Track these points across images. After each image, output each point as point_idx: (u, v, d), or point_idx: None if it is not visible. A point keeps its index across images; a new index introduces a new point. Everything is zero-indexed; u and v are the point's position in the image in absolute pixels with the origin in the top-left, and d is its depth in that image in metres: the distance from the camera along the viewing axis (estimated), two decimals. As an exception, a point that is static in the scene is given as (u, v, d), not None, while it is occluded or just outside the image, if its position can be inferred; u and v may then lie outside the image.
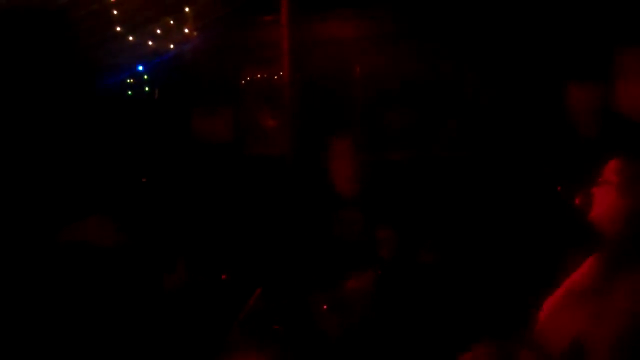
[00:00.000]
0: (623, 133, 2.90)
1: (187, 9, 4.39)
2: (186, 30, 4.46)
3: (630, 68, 3.15)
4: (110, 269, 3.19)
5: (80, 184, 3.89)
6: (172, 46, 4.49)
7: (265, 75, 4.67)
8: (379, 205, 3.39)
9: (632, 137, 2.84)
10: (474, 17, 3.98)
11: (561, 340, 1.92)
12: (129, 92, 4.72)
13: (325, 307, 3.05)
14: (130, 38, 4.33)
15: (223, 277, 3.45)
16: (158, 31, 4.40)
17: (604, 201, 2.01)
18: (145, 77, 4.73)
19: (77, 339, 2.88)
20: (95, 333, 2.91)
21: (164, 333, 2.97)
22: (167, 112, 4.76)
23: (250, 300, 2.96)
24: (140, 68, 4.67)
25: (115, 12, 4.17)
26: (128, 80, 4.71)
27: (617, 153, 2.02)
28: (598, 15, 3.56)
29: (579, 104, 3.15)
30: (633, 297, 1.82)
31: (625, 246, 1.96)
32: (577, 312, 1.95)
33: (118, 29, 4.24)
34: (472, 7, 3.96)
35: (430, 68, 4.17)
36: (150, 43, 4.43)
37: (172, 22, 4.41)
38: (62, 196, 3.74)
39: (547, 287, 2.17)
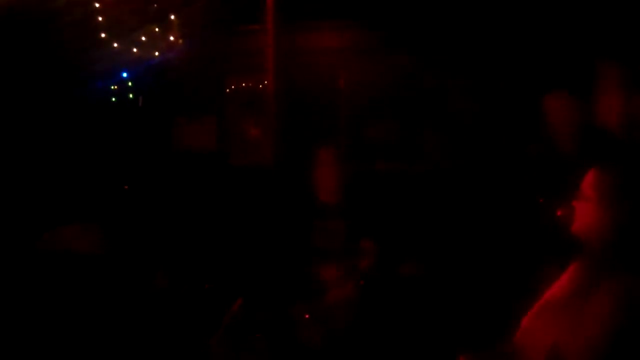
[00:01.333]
0: (603, 146, 2.94)
1: (172, 17, 4.39)
2: (171, 38, 4.46)
3: (610, 82, 3.19)
4: (91, 276, 3.16)
5: (62, 190, 3.87)
6: (157, 54, 4.48)
7: (250, 85, 4.66)
8: (361, 216, 3.40)
9: (611, 150, 2.88)
10: (459, 30, 4.01)
11: (540, 349, 1.95)
12: (113, 99, 4.70)
13: (307, 317, 3.04)
14: (115, 45, 4.31)
15: (206, 286, 3.43)
16: (143, 39, 4.39)
17: (583, 215, 2.03)
18: (130, 84, 4.71)
19: (56, 347, 2.85)
20: (76, 341, 2.88)
21: (146, 341, 2.95)
22: (151, 119, 4.74)
23: (232, 310, 2.95)
24: (125, 75, 4.66)
25: (100, 19, 4.15)
26: (112, 87, 4.68)
27: (595, 167, 2.05)
28: (578, 30, 3.61)
29: (560, 117, 3.18)
30: (609, 306, 1.85)
31: (604, 258, 1.98)
32: (556, 321, 1.97)
33: (103, 35, 4.23)
34: (457, 20, 4.00)
35: (414, 80, 4.20)
36: (135, 50, 4.42)
37: (157, 29, 4.40)
38: (44, 202, 3.71)
39: (528, 298, 2.18)
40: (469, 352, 2.16)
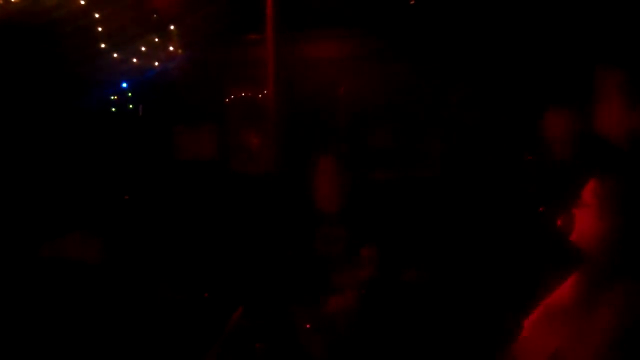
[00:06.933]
0: (602, 154, 2.94)
1: (172, 27, 4.40)
2: (171, 48, 4.48)
3: (610, 89, 3.19)
4: (90, 285, 3.16)
5: (62, 200, 3.87)
6: (156, 64, 4.50)
7: (250, 94, 4.68)
8: (362, 223, 3.40)
9: (610, 158, 2.88)
10: (457, 39, 4.03)
11: (540, 358, 1.94)
12: (113, 109, 4.71)
13: (308, 325, 3.03)
14: (115, 55, 4.33)
15: (205, 295, 3.43)
16: (143, 49, 4.41)
17: (584, 223, 2.03)
18: (130, 94, 4.73)
19: (55, 356, 2.84)
20: (75, 351, 2.87)
21: (145, 351, 2.94)
22: (151, 129, 4.75)
23: (232, 318, 2.94)
24: (125, 85, 4.67)
25: (100, 29, 4.17)
26: (112, 97, 4.70)
27: (595, 174, 2.05)
28: (578, 36, 3.62)
29: (559, 125, 3.19)
30: (612, 315, 1.84)
31: (606, 266, 1.98)
32: (557, 329, 1.97)
33: (103, 45, 4.24)
34: (456, 29, 4.02)
35: (414, 88, 4.21)
36: (135, 60, 4.44)
37: (157, 39, 4.42)
38: (44, 211, 3.71)
39: (528, 306, 2.18)
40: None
